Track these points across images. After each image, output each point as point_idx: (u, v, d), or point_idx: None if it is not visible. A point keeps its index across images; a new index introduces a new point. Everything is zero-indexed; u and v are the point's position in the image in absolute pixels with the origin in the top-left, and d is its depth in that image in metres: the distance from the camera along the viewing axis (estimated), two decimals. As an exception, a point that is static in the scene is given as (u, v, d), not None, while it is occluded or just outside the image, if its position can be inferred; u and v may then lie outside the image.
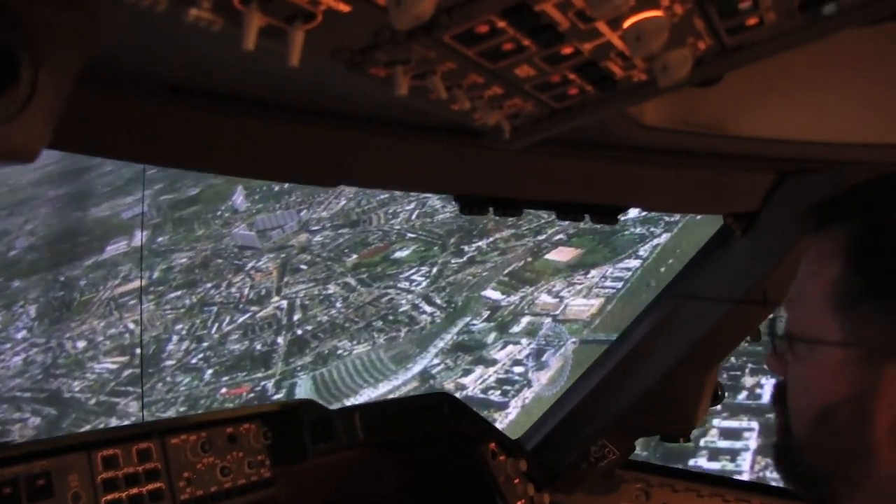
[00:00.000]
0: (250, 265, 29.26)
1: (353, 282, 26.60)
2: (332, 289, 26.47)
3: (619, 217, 2.38)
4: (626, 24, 1.06)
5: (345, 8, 0.88)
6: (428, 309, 24.11)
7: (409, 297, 24.92)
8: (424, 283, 25.34)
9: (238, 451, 2.44)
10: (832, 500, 1.33)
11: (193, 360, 24.64)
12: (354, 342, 23.52)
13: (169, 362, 24.68)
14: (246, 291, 27.49)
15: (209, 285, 28.33)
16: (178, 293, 28.21)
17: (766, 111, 1.94)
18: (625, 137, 1.84)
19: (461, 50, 1.09)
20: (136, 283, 28.87)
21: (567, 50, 1.17)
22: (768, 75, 1.61)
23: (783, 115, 1.97)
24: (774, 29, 1.23)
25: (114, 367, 24.80)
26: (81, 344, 26.45)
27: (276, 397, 21.86)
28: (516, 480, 3.19)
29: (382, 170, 1.88)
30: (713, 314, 2.82)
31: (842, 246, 1.34)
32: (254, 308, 26.56)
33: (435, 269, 25.82)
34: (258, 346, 24.53)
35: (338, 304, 25.60)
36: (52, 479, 1.97)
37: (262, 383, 22.68)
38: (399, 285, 25.64)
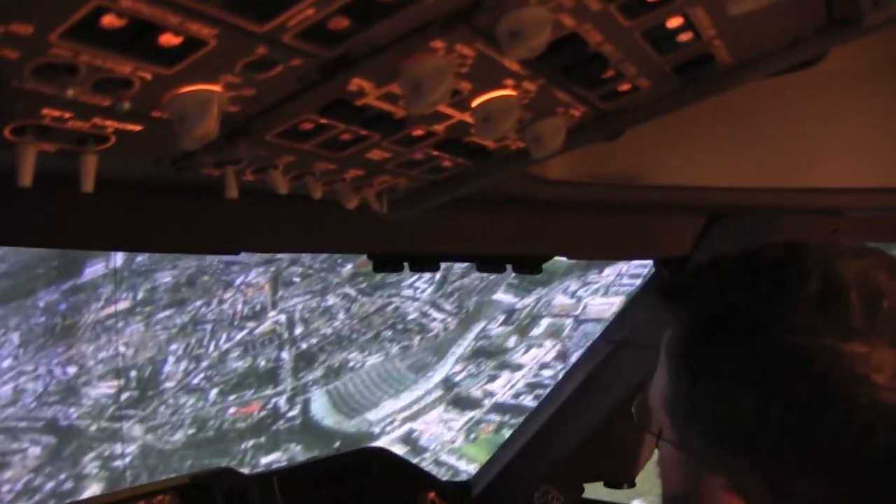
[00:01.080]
0: (239, 280, 28.10)
1: (352, 292, 25.58)
2: (331, 300, 25.44)
3: (542, 267, 2.34)
4: (474, 104, 1.05)
5: (136, 128, 0.91)
6: (438, 316, 23.25)
7: (416, 304, 24.05)
8: (429, 290, 24.48)
9: None
10: None
11: (195, 381, 23.38)
12: (365, 353, 22.53)
13: (169, 384, 23.46)
14: (239, 307, 26.32)
15: (199, 303, 27.10)
16: (168, 312, 26.94)
17: (680, 159, 1.94)
18: (531, 194, 1.83)
19: (294, 145, 1.09)
20: (121, 305, 27.55)
21: (418, 132, 1.16)
22: (678, 124, 1.51)
23: (698, 163, 1.97)
24: (652, 93, 1.23)
25: (110, 391, 23.50)
26: (72, 369, 25.05)
27: (289, 414, 20.82)
28: None
29: (286, 235, 1.80)
30: (648, 361, 2.68)
31: (667, 347, 1.33)
32: (250, 324, 25.41)
33: (438, 275, 24.94)
34: (262, 363, 23.40)
35: (340, 316, 24.61)
36: None
37: (273, 400, 21.57)
38: (403, 293, 24.74)
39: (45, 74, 0.76)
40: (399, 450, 18.54)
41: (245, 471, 2.90)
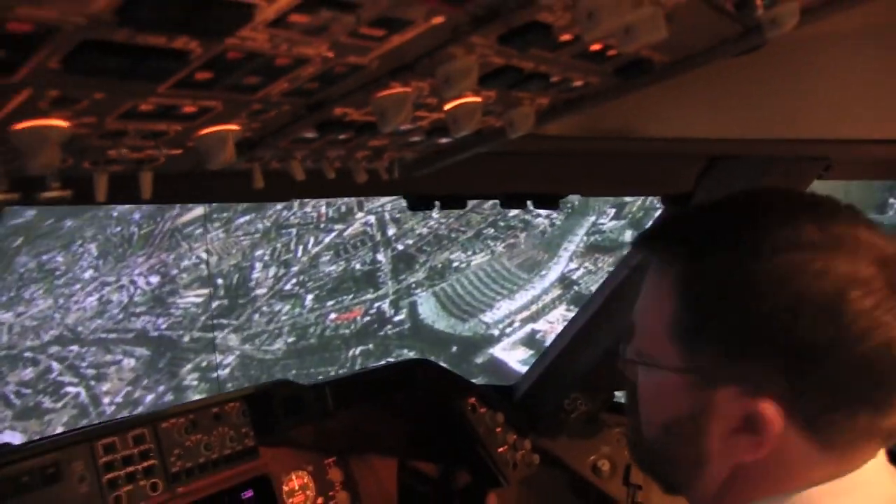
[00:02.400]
0: (318, 183, 26.60)
1: (444, 189, 23.98)
2: (421, 199, 23.85)
3: (559, 202, 2.52)
4: (445, 108, 1.18)
5: (178, 151, 1.18)
6: (542, 211, 21.54)
7: (516, 199, 22.36)
8: (528, 184, 22.77)
9: (223, 427, 2.77)
10: (673, 490, 1.54)
11: (287, 287, 22.15)
12: (469, 253, 21.05)
13: (260, 291, 22.27)
14: (323, 210, 24.90)
15: (279, 206, 25.76)
16: (247, 217, 25.69)
17: (675, 113, 2.05)
18: (532, 148, 2.06)
19: (303, 146, 1.31)
20: (196, 212, 26.29)
21: (406, 127, 1.35)
22: (672, 82, 1.47)
23: (692, 116, 2.10)
24: (603, 86, 1.34)
25: (198, 300, 22.39)
26: (155, 279, 24.02)
27: (396, 319, 19.57)
28: (497, 430, 3.52)
29: (328, 183, 1.82)
30: None
31: (674, 284, 1.41)
32: (338, 226, 24.00)
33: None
34: (357, 266, 22.06)
35: (434, 214, 23.05)
36: (61, 467, 2.33)
37: (376, 305, 20.25)
38: (499, 189, 23.05)
39: (105, 136, 1.04)
40: (523, 353, 17.21)
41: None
